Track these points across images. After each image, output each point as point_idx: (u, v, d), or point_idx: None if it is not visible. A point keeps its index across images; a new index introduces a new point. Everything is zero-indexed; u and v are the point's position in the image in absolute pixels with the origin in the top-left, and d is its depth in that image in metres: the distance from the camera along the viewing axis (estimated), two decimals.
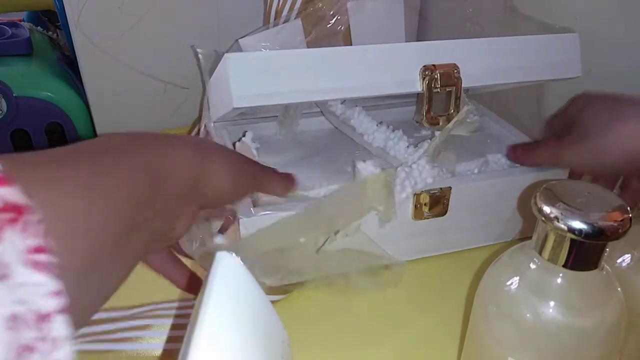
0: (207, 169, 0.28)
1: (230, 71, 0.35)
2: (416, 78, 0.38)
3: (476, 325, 0.28)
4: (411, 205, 0.40)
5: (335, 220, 0.37)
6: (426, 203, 0.40)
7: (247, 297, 0.23)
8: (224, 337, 0.20)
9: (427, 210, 0.40)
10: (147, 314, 0.37)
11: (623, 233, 0.23)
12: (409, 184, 0.39)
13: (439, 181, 0.40)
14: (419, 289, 0.41)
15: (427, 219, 0.41)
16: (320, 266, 0.38)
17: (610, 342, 0.25)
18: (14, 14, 0.83)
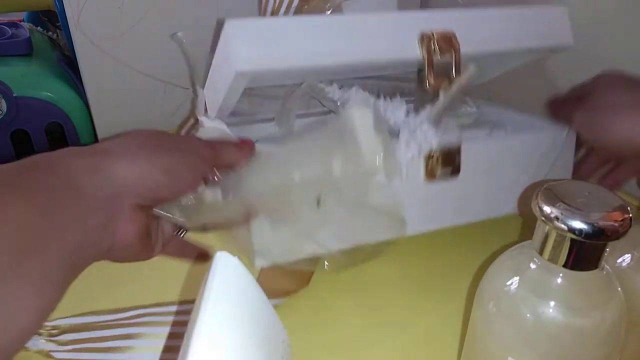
0: (111, 169, 0.27)
1: (231, 35, 0.34)
2: (415, 45, 0.39)
3: (476, 325, 0.28)
4: (422, 166, 0.40)
5: (330, 157, 0.35)
6: (437, 159, 0.39)
7: (247, 297, 0.23)
8: (223, 337, 0.20)
9: (439, 168, 0.40)
10: (135, 319, 0.37)
11: (623, 233, 0.23)
12: (415, 144, 0.39)
13: (447, 142, 0.40)
14: (419, 288, 0.41)
15: (440, 179, 0.40)
16: (328, 225, 0.36)
17: (611, 342, 0.25)
18: (14, 14, 0.83)
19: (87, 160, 0.27)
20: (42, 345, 0.34)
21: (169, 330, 0.36)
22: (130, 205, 0.28)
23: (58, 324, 0.36)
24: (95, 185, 0.26)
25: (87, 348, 0.35)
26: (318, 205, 0.35)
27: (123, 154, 0.28)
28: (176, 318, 0.37)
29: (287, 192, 0.34)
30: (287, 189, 0.34)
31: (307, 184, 0.34)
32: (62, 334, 0.35)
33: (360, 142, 0.36)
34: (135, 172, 0.28)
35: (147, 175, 0.28)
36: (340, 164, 0.35)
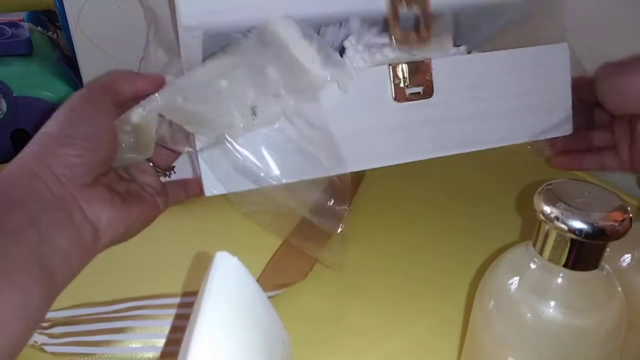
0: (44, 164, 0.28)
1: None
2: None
3: (476, 325, 0.28)
4: (389, 82, 0.36)
5: (261, 64, 0.33)
6: (405, 76, 0.36)
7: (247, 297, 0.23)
8: (223, 338, 0.20)
9: (408, 84, 0.36)
10: (127, 312, 0.37)
11: (623, 233, 0.23)
12: (364, 49, 0.36)
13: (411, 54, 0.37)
14: (419, 288, 0.41)
15: (411, 99, 0.37)
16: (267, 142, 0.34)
17: (611, 342, 0.25)
18: (14, 14, 0.83)
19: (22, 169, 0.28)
20: (34, 338, 0.35)
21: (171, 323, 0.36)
22: (81, 186, 0.29)
23: (50, 317, 0.36)
24: (32, 190, 0.27)
25: (79, 342, 0.35)
26: (254, 115, 0.33)
27: (50, 144, 0.29)
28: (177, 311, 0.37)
29: (216, 100, 0.33)
30: (216, 97, 0.33)
31: (237, 91, 0.33)
32: (53, 327, 0.35)
33: (292, 50, 0.34)
34: (65, 156, 0.29)
35: (72, 152, 0.29)
36: (275, 71, 0.33)
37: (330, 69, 0.34)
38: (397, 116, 0.37)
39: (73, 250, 0.28)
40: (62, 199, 0.28)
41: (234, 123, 0.33)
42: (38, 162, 0.28)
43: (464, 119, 0.39)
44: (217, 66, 0.33)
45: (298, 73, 0.34)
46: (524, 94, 0.39)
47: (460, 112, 0.38)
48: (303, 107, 0.34)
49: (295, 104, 0.34)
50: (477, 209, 0.51)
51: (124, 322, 0.36)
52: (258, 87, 0.33)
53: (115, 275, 0.42)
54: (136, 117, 0.32)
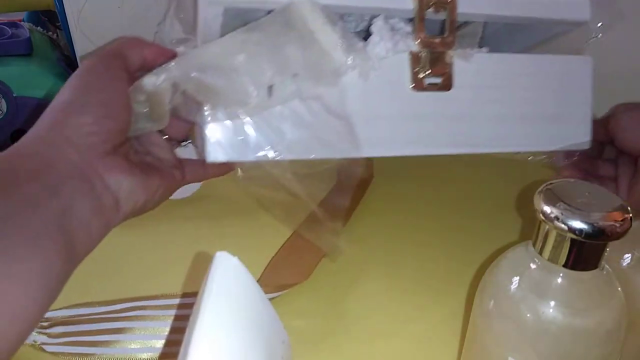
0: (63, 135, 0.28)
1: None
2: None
3: (476, 325, 0.28)
4: (408, 69, 0.36)
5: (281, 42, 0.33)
6: (425, 63, 0.36)
7: (247, 297, 0.23)
8: (223, 338, 0.20)
9: (427, 71, 0.36)
10: (127, 312, 0.37)
11: (623, 233, 0.23)
12: (389, 37, 0.35)
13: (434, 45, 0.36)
14: (419, 287, 0.41)
15: (429, 89, 0.36)
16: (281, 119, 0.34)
17: (611, 342, 0.25)
18: (14, 14, 0.83)
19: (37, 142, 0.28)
20: (33, 337, 0.34)
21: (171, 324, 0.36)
22: (100, 154, 0.29)
23: (49, 316, 0.36)
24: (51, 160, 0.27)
25: (78, 341, 0.35)
26: (270, 94, 0.33)
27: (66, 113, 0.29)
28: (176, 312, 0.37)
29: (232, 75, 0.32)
30: (233, 71, 0.32)
31: (254, 67, 0.32)
32: (53, 327, 0.35)
33: (316, 33, 0.33)
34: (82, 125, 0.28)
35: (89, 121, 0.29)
36: (295, 52, 0.33)
37: (352, 56, 0.33)
38: (412, 106, 0.36)
39: (94, 220, 0.28)
40: (82, 168, 0.28)
41: (249, 99, 0.32)
42: (54, 132, 0.28)
43: (479, 119, 0.38)
44: (236, 40, 0.32)
45: (319, 56, 0.33)
46: (542, 101, 0.39)
47: (477, 111, 0.38)
48: (321, 90, 0.34)
49: (313, 87, 0.33)
50: (477, 209, 0.51)
51: (124, 322, 0.36)
52: (276, 66, 0.32)
53: (116, 275, 0.42)
54: (150, 85, 0.31)
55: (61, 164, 0.27)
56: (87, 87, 0.30)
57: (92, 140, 0.28)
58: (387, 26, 0.36)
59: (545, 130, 0.39)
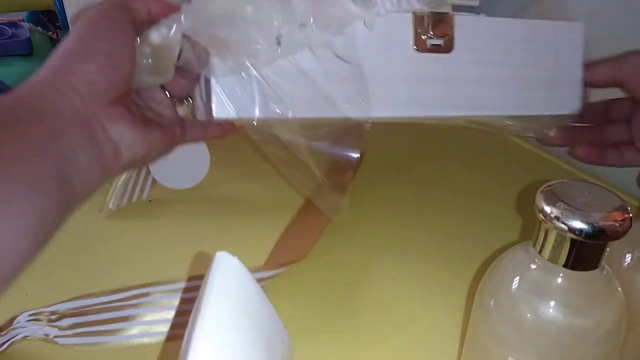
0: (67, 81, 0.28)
1: None
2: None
3: (476, 325, 0.28)
4: (411, 29, 0.37)
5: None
6: (428, 24, 0.37)
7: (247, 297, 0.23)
8: (223, 338, 0.20)
9: (430, 32, 0.37)
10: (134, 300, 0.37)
11: (623, 233, 0.23)
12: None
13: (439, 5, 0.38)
14: (418, 287, 0.41)
15: (431, 50, 0.37)
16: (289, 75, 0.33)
17: (611, 342, 0.25)
18: (14, 14, 0.83)
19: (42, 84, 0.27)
20: (43, 331, 0.35)
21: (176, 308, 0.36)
22: (103, 103, 0.29)
23: (56, 309, 0.36)
24: (54, 105, 0.27)
25: (88, 332, 0.35)
26: (278, 44, 0.33)
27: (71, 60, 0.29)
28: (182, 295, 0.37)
29: (240, 25, 0.32)
30: (240, 22, 0.32)
31: (263, 18, 0.32)
32: (62, 319, 0.36)
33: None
34: (86, 73, 0.28)
35: (94, 69, 0.29)
36: (303, 1, 0.33)
37: (359, 3, 0.34)
38: (414, 66, 0.37)
39: (93, 167, 0.28)
40: (84, 115, 0.28)
41: (258, 50, 0.32)
42: (59, 78, 0.28)
43: (477, 81, 0.39)
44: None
45: (326, 3, 0.33)
46: (537, 65, 0.40)
47: (475, 74, 0.39)
48: (329, 38, 0.34)
49: (320, 36, 0.33)
50: (477, 208, 0.51)
51: (132, 310, 0.36)
52: (284, 16, 0.32)
53: (116, 275, 0.42)
54: (158, 36, 0.31)
55: (64, 109, 0.27)
56: (92, 36, 0.30)
57: (96, 89, 0.28)
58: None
59: (537, 94, 0.41)
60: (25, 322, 0.35)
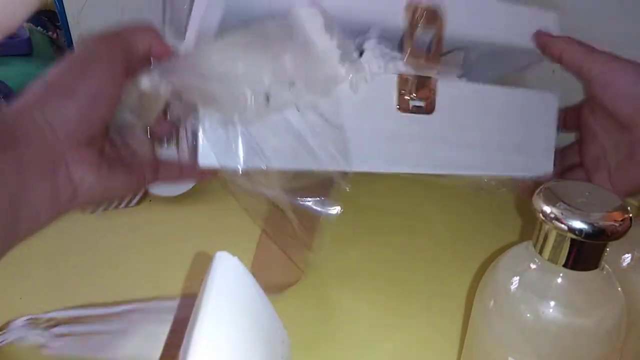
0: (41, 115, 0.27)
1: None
2: (401, 10, 0.37)
3: (476, 325, 0.28)
4: (395, 91, 0.38)
5: (279, 51, 0.33)
6: (411, 87, 0.38)
7: (247, 297, 0.23)
8: (223, 338, 0.20)
9: (413, 95, 0.38)
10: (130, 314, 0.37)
11: (623, 233, 0.23)
12: (381, 55, 0.37)
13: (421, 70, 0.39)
14: (418, 287, 0.41)
15: (413, 112, 0.39)
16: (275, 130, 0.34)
17: (610, 342, 0.25)
18: None
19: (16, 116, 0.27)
20: (35, 338, 0.35)
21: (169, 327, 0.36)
22: (75, 144, 0.29)
23: (53, 316, 0.36)
24: (28, 136, 0.27)
25: (80, 342, 0.35)
26: (267, 101, 0.33)
27: (52, 94, 0.28)
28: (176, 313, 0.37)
29: (231, 82, 0.32)
30: (232, 79, 0.32)
31: (253, 75, 0.33)
32: (55, 326, 0.35)
33: (313, 42, 0.34)
34: (65, 110, 0.28)
35: (73, 108, 0.28)
36: (292, 60, 0.33)
37: (347, 67, 0.35)
38: (395, 125, 0.38)
39: (46, 205, 0.28)
40: (53, 153, 0.28)
41: (246, 107, 0.33)
42: (38, 109, 0.27)
43: (455, 142, 0.41)
44: (236, 46, 0.33)
45: (315, 65, 0.34)
46: (512, 131, 0.42)
47: (454, 135, 0.41)
48: (316, 99, 0.35)
49: (308, 96, 0.34)
50: (477, 208, 0.51)
51: (127, 324, 0.36)
52: (274, 74, 0.33)
53: (116, 275, 0.42)
54: (146, 84, 0.32)
55: (36, 142, 0.27)
56: (80, 73, 0.29)
57: (71, 128, 0.28)
58: (378, 48, 0.37)
59: (511, 158, 0.43)
60: (21, 327, 0.35)
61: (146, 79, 0.32)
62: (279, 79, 0.33)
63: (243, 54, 0.32)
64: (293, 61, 0.33)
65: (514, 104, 0.42)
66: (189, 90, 0.32)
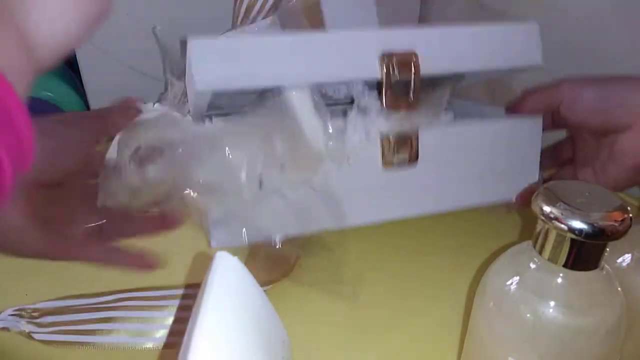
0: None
1: (193, 55, 0.35)
2: (376, 63, 0.38)
3: (476, 325, 0.28)
4: (379, 150, 0.40)
5: (271, 136, 0.36)
6: (393, 145, 0.40)
7: (247, 297, 0.23)
8: (223, 338, 0.20)
9: (395, 153, 0.40)
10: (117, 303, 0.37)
11: (623, 233, 0.23)
12: (362, 127, 0.39)
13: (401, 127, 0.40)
14: (418, 287, 0.41)
15: (397, 165, 0.40)
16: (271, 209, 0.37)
17: (610, 342, 0.25)
18: None
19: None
20: (22, 326, 0.35)
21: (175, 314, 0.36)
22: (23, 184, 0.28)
23: (39, 307, 0.36)
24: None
25: (68, 330, 0.35)
26: (260, 186, 0.36)
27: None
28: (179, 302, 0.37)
29: (226, 171, 0.34)
30: (226, 168, 0.34)
31: (247, 162, 0.35)
32: (42, 317, 0.36)
33: (302, 124, 0.36)
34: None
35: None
36: (282, 144, 0.36)
37: (332, 147, 0.37)
38: (382, 180, 0.41)
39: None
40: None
41: (242, 194, 0.35)
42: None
43: (441, 182, 0.42)
44: (230, 135, 0.35)
45: (303, 146, 0.36)
46: (497, 162, 0.43)
47: (439, 176, 0.42)
48: (306, 177, 0.37)
49: (297, 175, 0.37)
50: (476, 208, 0.51)
51: (113, 312, 0.36)
52: (266, 159, 0.36)
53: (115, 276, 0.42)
54: (154, 174, 0.34)
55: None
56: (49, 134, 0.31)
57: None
58: (360, 117, 0.39)
59: (498, 185, 0.44)
60: (7, 317, 0.35)
61: (153, 169, 0.34)
62: (270, 162, 0.36)
63: (236, 143, 0.35)
64: (284, 144, 0.36)
65: (498, 136, 0.43)
66: (189, 180, 0.34)
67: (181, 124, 0.38)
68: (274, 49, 0.37)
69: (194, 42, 0.35)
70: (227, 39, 0.37)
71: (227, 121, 0.37)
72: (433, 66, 0.40)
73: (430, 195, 0.42)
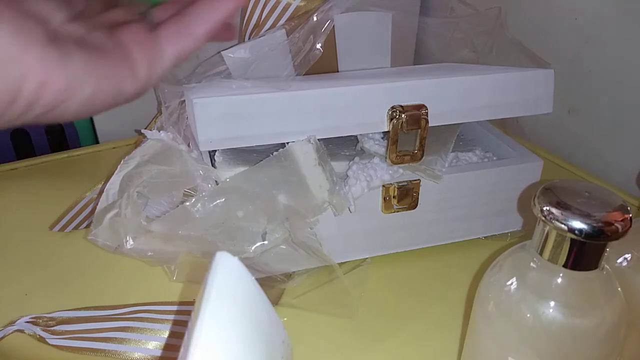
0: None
1: (197, 115, 0.35)
2: (384, 118, 0.39)
3: (476, 325, 0.28)
4: (380, 197, 0.41)
5: (275, 191, 0.37)
6: (394, 195, 0.40)
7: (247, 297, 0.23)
8: (223, 338, 0.20)
9: (396, 203, 0.41)
10: (132, 314, 0.37)
11: (623, 233, 0.23)
12: (364, 179, 0.40)
13: (407, 175, 0.41)
14: (418, 288, 0.41)
15: (397, 212, 0.41)
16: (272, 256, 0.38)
17: (610, 342, 0.25)
18: None
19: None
20: (36, 331, 0.35)
21: (170, 328, 0.36)
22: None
23: (55, 316, 0.36)
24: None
25: (81, 337, 0.35)
26: (264, 239, 0.37)
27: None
28: (176, 317, 0.37)
29: (232, 228, 0.36)
30: (233, 226, 0.36)
31: (252, 219, 0.36)
32: (57, 325, 0.36)
33: (305, 177, 0.37)
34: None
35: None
36: (285, 199, 0.37)
37: (334, 198, 0.38)
38: (382, 223, 0.42)
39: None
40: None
41: (247, 249, 0.37)
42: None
43: (437, 222, 0.44)
44: (235, 194, 0.37)
45: (306, 198, 0.38)
46: (496, 201, 0.44)
47: (436, 218, 0.43)
48: (307, 226, 0.38)
49: (299, 224, 0.38)
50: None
51: (128, 322, 0.36)
52: (269, 215, 0.37)
53: (116, 275, 0.42)
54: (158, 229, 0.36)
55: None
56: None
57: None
58: (363, 167, 0.41)
59: (496, 220, 0.45)
60: (23, 323, 0.35)
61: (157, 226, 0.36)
62: (273, 218, 0.37)
63: (241, 204, 0.36)
64: (287, 199, 0.37)
65: (499, 180, 0.43)
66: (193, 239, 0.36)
67: (187, 162, 0.39)
68: (278, 106, 0.37)
69: (198, 101, 0.35)
70: (231, 99, 0.36)
71: (233, 177, 0.37)
72: (443, 118, 0.40)
73: (426, 233, 0.44)
